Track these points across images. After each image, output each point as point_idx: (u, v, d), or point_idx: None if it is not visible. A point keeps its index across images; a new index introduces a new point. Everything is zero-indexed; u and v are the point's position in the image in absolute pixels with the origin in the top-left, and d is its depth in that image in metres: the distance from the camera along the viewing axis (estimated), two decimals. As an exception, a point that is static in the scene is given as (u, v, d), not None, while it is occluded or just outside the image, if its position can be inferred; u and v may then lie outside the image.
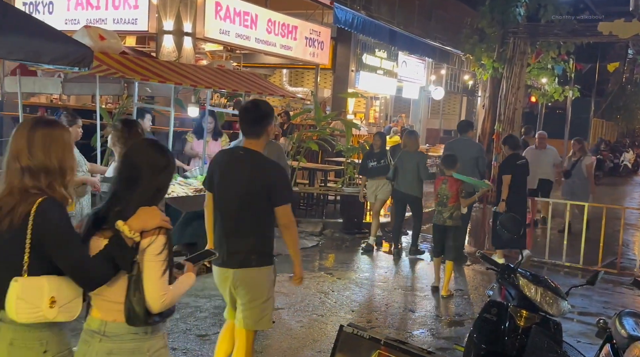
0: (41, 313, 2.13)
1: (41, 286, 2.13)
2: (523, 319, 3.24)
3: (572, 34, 12.79)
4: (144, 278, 2.19)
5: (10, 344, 2.17)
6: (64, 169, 2.22)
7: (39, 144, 2.19)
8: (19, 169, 2.17)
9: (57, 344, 2.24)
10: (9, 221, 2.13)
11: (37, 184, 2.17)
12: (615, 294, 7.08)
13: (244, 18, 11.53)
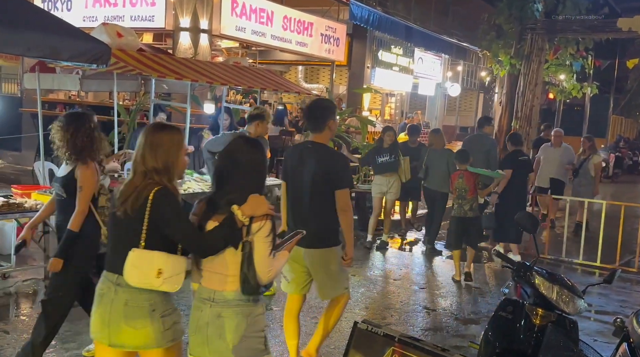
0: (148, 281, 2.61)
1: (152, 258, 2.62)
2: (539, 317, 3.22)
3: (591, 30, 12.64)
4: (254, 256, 2.63)
5: (125, 304, 2.67)
6: (168, 167, 2.72)
7: (147, 149, 2.72)
8: (138, 170, 2.73)
9: (162, 304, 2.71)
10: (131, 204, 2.66)
11: (150, 179, 2.69)
12: (633, 292, 7.00)
13: (260, 15, 11.56)
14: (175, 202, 2.70)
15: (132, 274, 2.62)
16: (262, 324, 2.76)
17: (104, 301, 2.74)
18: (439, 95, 21.09)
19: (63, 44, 5.02)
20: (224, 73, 6.78)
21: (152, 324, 2.67)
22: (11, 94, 14.03)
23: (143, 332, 2.67)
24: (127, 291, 2.68)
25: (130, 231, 2.67)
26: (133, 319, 2.67)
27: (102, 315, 2.73)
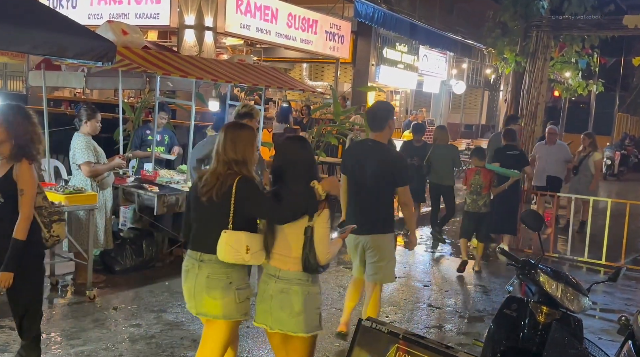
0: (240, 256, 3.04)
1: (241, 237, 3.05)
2: (543, 315, 3.22)
3: (597, 27, 12.57)
4: (315, 239, 3.05)
5: (207, 277, 3.12)
6: (245, 159, 3.16)
7: (228, 144, 3.15)
8: (220, 160, 3.14)
9: (238, 279, 3.16)
10: (216, 191, 3.08)
11: (232, 170, 3.12)
12: (638, 291, 6.99)
13: (265, 12, 11.56)
14: (255, 186, 3.17)
15: (226, 252, 3.04)
16: (318, 302, 3.19)
17: (190, 276, 3.20)
18: (444, 93, 21.06)
19: (69, 42, 5.03)
20: (229, 71, 6.78)
21: (229, 295, 3.11)
22: (17, 91, 14.09)
23: (221, 302, 3.11)
24: (209, 266, 3.13)
25: (217, 215, 3.09)
26: (213, 290, 3.11)
27: (189, 288, 3.20)
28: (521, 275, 3.37)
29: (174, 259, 6.79)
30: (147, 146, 7.32)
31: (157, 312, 5.31)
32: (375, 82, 16.12)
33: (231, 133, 3.21)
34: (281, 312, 3.09)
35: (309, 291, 3.12)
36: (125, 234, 6.48)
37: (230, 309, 3.13)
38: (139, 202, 6.31)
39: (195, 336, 4.87)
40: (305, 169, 3.18)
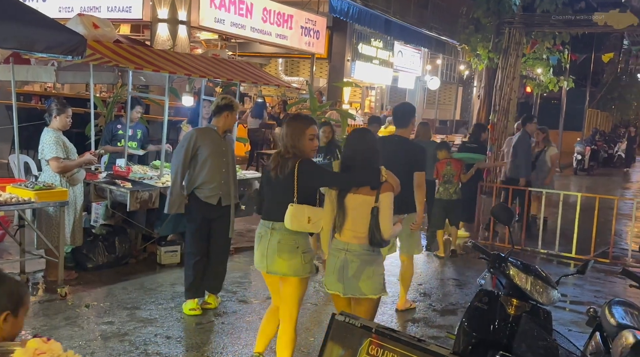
0: (303, 225, 3.68)
1: (303, 210, 3.68)
2: (513, 307, 3.27)
3: (568, 24, 12.79)
4: (380, 218, 3.60)
5: (278, 242, 3.76)
6: (299, 146, 3.77)
7: (285, 134, 3.82)
8: (283, 145, 3.83)
9: (304, 244, 3.78)
10: (280, 170, 3.75)
11: (288, 154, 3.77)
12: (607, 283, 7.14)
13: (239, 7, 11.48)
14: (314, 164, 3.87)
15: (292, 221, 3.66)
16: (382, 269, 3.78)
17: (263, 241, 3.84)
18: (419, 89, 21.21)
19: (38, 35, 4.94)
20: (203, 65, 6.72)
21: (296, 257, 3.74)
22: (-15, 85, 13.76)
23: (290, 262, 3.74)
24: (279, 233, 3.77)
25: (284, 191, 3.74)
26: (283, 253, 3.74)
27: (262, 250, 3.83)
28: (492, 268, 3.42)
29: (147, 256, 6.73)
30: (118, 141, 7.23)
31: (130, 309, 5.26)
32: (350, 77, 16.16)
33: (287, 124, 3.92)
34: (353, 279, 3.65)
35: (375, 260, 3.72)
36: (97, 231, 6.40)
37: (297, 268, 3.75)
38: (111, 198, 6.23)
39: (170, 332, 4.85)
40: (369, 155, 3.76)
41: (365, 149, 3.76)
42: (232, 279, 6.34)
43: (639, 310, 3.57)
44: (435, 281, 6.90)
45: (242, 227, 8.58)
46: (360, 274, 3.63)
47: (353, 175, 3.71)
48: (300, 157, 3.75)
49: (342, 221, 3.69)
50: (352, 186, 3.68)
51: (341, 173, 3.80)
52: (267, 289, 5.27)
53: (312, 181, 3.75)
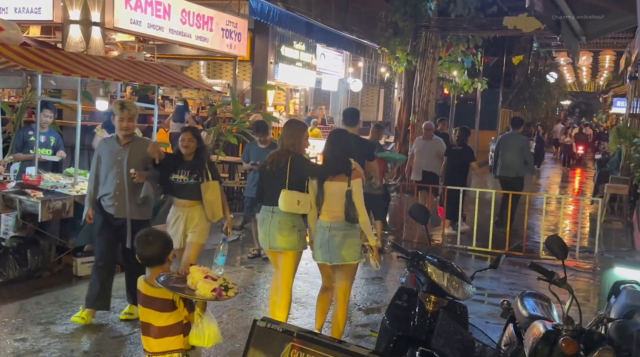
0: (293, 207, 4.54)
1: (293, 194, 4.53)
2: (431, 304, 3.37)
3: (480, 28, 13.37)
4: (354, 199, 4.44)
5: (278, 222, 4.60)
6: (297, 145, 4.71)
7: (286, 134, 4.75)
8: (280, 144, 4.75)
9: (299, 224, 4.69)
10: (276, 163, 4.66)
11: (290, 151, 4.66)
12: (521, 275, 7.49)
13: (157, 8, 11.18)
14: (302, 158, 4.77)
15: (284, 204, 4.52)
16: (359, 240, 4.54)
17: (265, 223, 4.70)
18: (342, 91, 21.45)
19: None
20: (118, 68, 6.49)
21: (293, 235, 4.61)
22: None
23: (288, 239, 4.59)
24: (278, 215, 4.61)
25: (278, 180, 4.59)
26: (283, 231, 4.55)
27: (265, 230, 4.68)
28: (410, 266, 3.52)
29: (62, 268, 6.42)
30: (30, 148, 6.87)
31: (44, 324, 5.00)
32: (274, 80, 16.12)
33: (286, 127, 4.86)
34: (335, 250, 4.47)
35: (353, 233, 4.51)
36: (7, 243, 6.05)
37: (294, 244, 4.61)
38: (22, 209, 5.91)
39: (87, 347, 4.65)
40: (343, 150, 4.58)
41: (340, 145, 4.60)
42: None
43: (549, 301, 3.78)
44: (360, 279, 6.99)
45: (165, 234, 8.37)
46: (342, 245, 4.46)
47: (329, 167, 4.59)
48: (294, 153, 4.65)
49: (321, 203, 4.51)
50: (329, 174, 4.50)
51: (320, 165, 4.82)
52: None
53: (300, 171, 4.59)
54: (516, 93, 26.93)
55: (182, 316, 2.88)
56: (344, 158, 4.50)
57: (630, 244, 8.57)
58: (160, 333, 2.85)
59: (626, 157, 10.49)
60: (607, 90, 31.63)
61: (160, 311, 2.86)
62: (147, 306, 2.91)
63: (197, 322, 2.85)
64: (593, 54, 24.84)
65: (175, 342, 2.88)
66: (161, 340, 2.86)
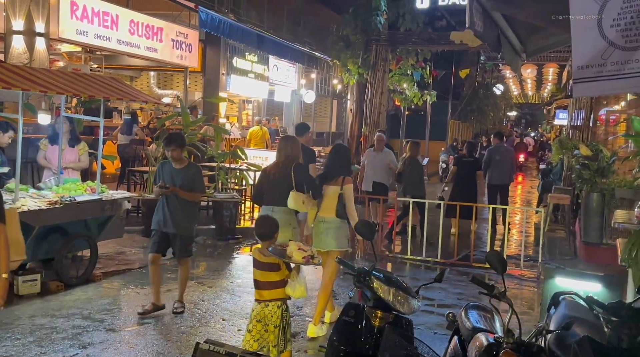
0: (299, 205, 5.45)
1: (299, 195, 5.44)
2: (378, 319, 3.40)
3: (428, 42, 13.66)
4: (346, 202, 5.47)
5: (277, 220, 4.54)
6: (296, 156, 5.73)
7: (283, 146, 5.75)
8: (282, 154, 5.69)
9: (293, 222, 5.61)
10: (280, 171, 5.61)
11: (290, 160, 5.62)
12: (469, 285, 7.62)
13: (104, 18, 10.98)
14: (303, 167, 5.78)
15: (293, 203, 5.42)
16: (347, 232, 5.58)
17: None
18: (295, 102, 21.52)
19: None
20: (61, 81, 6.31)
21: (289, 230, 5.40)
22: None
23: (284, 234, 5.09)
24: (277, 214, 5.28)
25: (284, 183, 5.51)
26: (281, 227, 4.56)
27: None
28: (357, 282, 3.54)
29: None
30: (-32, 164, 6.59)
31: (-19, 349, 4.79)
32: (226, 91, 16.03)
33: (284, 140, 5.88)
34: (328, 239, 5.50)
35: (340, 226, 5.52)
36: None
37: (286, 239, 4.93)
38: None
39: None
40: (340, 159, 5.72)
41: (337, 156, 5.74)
42: (100, 306, 6.01)
43: (492, 312, 3.86)
44: (312, 294, 6.98)
45: (112, 250, 8.17)
46: (332, 236, 5.47)
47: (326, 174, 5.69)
48: (295, 161, 5.65)
49: (320, 203, 5.54)
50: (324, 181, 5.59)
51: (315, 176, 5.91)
52: (138, 316, 5.79)
53: (302, 177, 5.57)
54: (464, 105, 27.65)
55: (283, 275, 4.12)
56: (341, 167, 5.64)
57: (572, 253, 8.87)
58: (269, 286, 4.12)
59: (568, 167, 10.88)
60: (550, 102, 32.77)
61: (269, 271, 4.12)
62: (260, 268, 4.17)
63: (292, 279, 4.10)
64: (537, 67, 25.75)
65: (278, 292, 4.13)
66: (270, 291, 4.13)
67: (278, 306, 4.11)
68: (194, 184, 5.92)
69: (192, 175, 5.91)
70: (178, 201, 5.85)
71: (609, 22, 3.25)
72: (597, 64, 3.26)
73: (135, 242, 8.70)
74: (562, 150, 10.88)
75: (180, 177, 5.85)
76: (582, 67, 3.31)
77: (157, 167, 6.25)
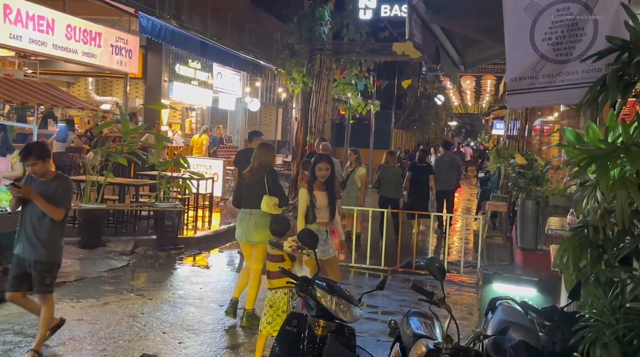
0: (271, 208, 5.83)
1: (271, 199, 5.87)
2: (320, 328, 3.39)
3: (371, 52, 13.87)
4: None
5: (254, 222, 5.92)
6: (269, 162, 6.20)
7: (257, 153, 6.18)
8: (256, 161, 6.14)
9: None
10: (254, 175, 6.05)
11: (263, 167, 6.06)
12: (412, 292, 7.62)
13: (39, 22, 10.58)
14: (275, 174, 6.16)
15: (265, 206, 5.82)
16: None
17: (243, 222, 6.03)
18: (240, 110, 21.37)
19: None
20: (-8, 86, 6.06)
21: (265, 232, 5.56)
22: None
23: (261, 235, 5.79)
24: (254, 217, 5.94)
25: (258, 187, 5.93)
26: (258, 228, 5.79)
27: (243, 228, 6.02)
28: (300, 291, 3.52)
29: None
30: None
31: None
32: (168, 98, 15.74)
33: (259, 148, 6.24)
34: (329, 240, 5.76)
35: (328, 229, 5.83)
36: None
37: (265, 239, 5.38)
38: None
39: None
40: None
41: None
42: (32, 321, 5.74)
43: (432, 319, 3.92)
44: (259, 301, 6.91)
45: (47, 263, 7.84)
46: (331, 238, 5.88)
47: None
48: (268, 167, 6.08)
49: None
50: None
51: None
52: (73, 331, 5.49)
53: (273, 182, 5.98)
54: (407, 114, 28.20)
55: (288, 266, 4.65)
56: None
57: (510, 259, 9.16)
58: (277, 275, 4.51)
59: (505, 176, 11.25)
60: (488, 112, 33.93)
61: (276, 262, 4.74)
62: (270, 260, 4.89)
63: (295, 269, 4.62)
64: (476, 78, 26.61)
65: (284, 281, 4.41)
66: (278, 280, 4.64)
67: (285, 293, 4.66)
68: (56, 196, 4.82)
69: (54, 188, 4.85)
70: (38, 219, 4.84)
71: (541, 36, 3.38)
72: (530, 76, 3.38)
73: (71, 253, 8.38)
74: (499, 160, 11.25)
75: (44, 190, 4.84)
76: (515, 79, 3.43)
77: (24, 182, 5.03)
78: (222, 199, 13.44)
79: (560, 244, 2.66)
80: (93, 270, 7.86)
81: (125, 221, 10.35)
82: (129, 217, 10.41)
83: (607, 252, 2.50)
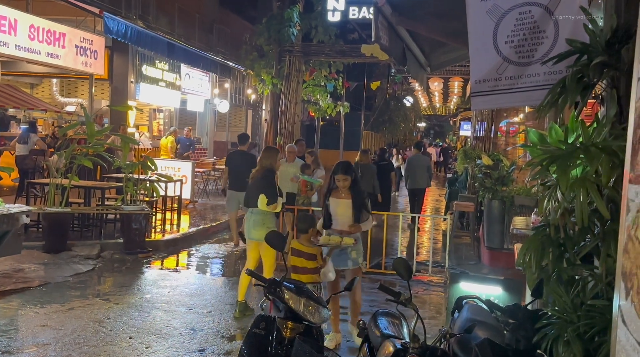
0: (265, 208, 6.11)
1: (264, 197, 6.10)
2: (288, 330, 3.38)
3: (340, 54, 13.93)
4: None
5: (254, 220, 6.26)
6: (270, 165, 6.50)
7: (262, 156, 6.65)
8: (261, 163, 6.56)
9: (270, 221, 6.26)
10: (256, 177, 6.46)
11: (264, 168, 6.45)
12: (381, 292, 7.76)
13: (1, 23, 10.34)
14: (269, 174, 6.41)
15: (261, 204, 6.07)
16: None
17: (246, 221, 6.36)
18: (209, 111, 21.22)
19: None
20: (-50, 87, 5.88)
21: (263, 230, 5.73)
22: None
23: (261, 232, 5.86)
24: (253, 215, 6.26)
25: (258, 187, 6.22)
26: (257, 226, 6.15)
27: (246, 226, 6.35)
28: (268, 293, 3.50)
29: None
30: None
31: None
32: (135, 99, 15.54)
33: (264, 151, 6.78)
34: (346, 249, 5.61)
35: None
36: None
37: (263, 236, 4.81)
38: None
39: None
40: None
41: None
42: (-6, 330, 5.59)
43: (400, 319, 3.95)
44: (224, 306, 6.86)
45: (9, 267, 7.65)
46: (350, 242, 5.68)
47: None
48: (268, 168, 6.40)
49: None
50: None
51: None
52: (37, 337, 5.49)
53: (262, 179, 6.27)
54: (377, 116, 28.37)
55: (317, 264, 5.05)
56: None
57: (477, 258, 9.28)
58: (307, 272, 5.01)
59: (471, 176, 11.40)
60: (456, 114, 34.36)
61: (308, 259, 5.06)
62: (299, 256, 5.13)
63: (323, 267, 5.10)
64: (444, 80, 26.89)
65: (314, 277, 5.02)
66: (306, 275, 4.96)
67: (313, 286, 4.77)
68: None
69: None
70: None
71: (504, 39, 3.44)
72: (493, 78, 3.44)
73: (34, 258, 8.19)
74: (466, 160, 11.40)
75: None
76: (479, 81, 3.48)
77: None
78: (191, 201, 13.30)
79: (524, 243, 2.71)
80: (58, 275, 7.69)
81: (91, 225, 10.16)
82: (95, 220, 10.22)
83: (568, 250, 2.56)
